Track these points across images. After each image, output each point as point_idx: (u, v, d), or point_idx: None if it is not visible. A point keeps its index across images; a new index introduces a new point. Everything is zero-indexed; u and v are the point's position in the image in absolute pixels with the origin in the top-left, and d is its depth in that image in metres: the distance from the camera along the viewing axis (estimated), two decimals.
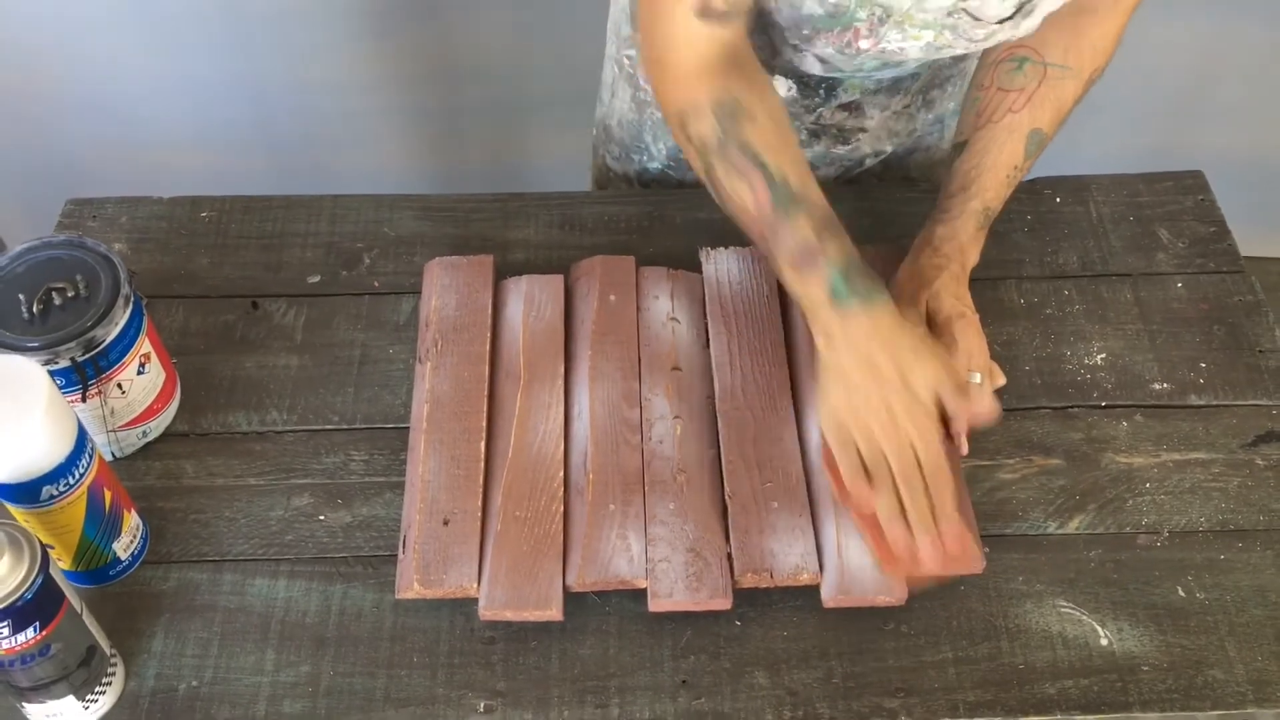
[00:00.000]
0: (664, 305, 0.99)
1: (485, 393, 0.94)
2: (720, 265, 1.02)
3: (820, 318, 0.83)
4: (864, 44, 0.91)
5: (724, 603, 0.84)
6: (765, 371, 0.95)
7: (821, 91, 1.06)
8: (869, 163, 1.16)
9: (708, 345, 0.97)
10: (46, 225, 1.10)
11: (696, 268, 1.02)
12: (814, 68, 0.99)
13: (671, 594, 0.85)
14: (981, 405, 0.86)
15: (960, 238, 0.95)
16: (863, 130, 1.11)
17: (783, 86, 1.05)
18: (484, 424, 0.92)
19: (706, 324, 0.99)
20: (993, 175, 0.96)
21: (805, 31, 0.92)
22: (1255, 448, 0.95)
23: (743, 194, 0.85)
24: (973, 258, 0.96)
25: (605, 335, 0.97)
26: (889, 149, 1.15)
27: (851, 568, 0.85)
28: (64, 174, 1.70)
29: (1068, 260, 1.07)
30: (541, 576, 0.85)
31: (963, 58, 1.09)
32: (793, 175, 0.84)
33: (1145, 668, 0.84)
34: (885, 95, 1.08)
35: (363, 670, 0.84)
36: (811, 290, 0.83)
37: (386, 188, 1.21)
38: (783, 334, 0.98)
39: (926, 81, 1.09)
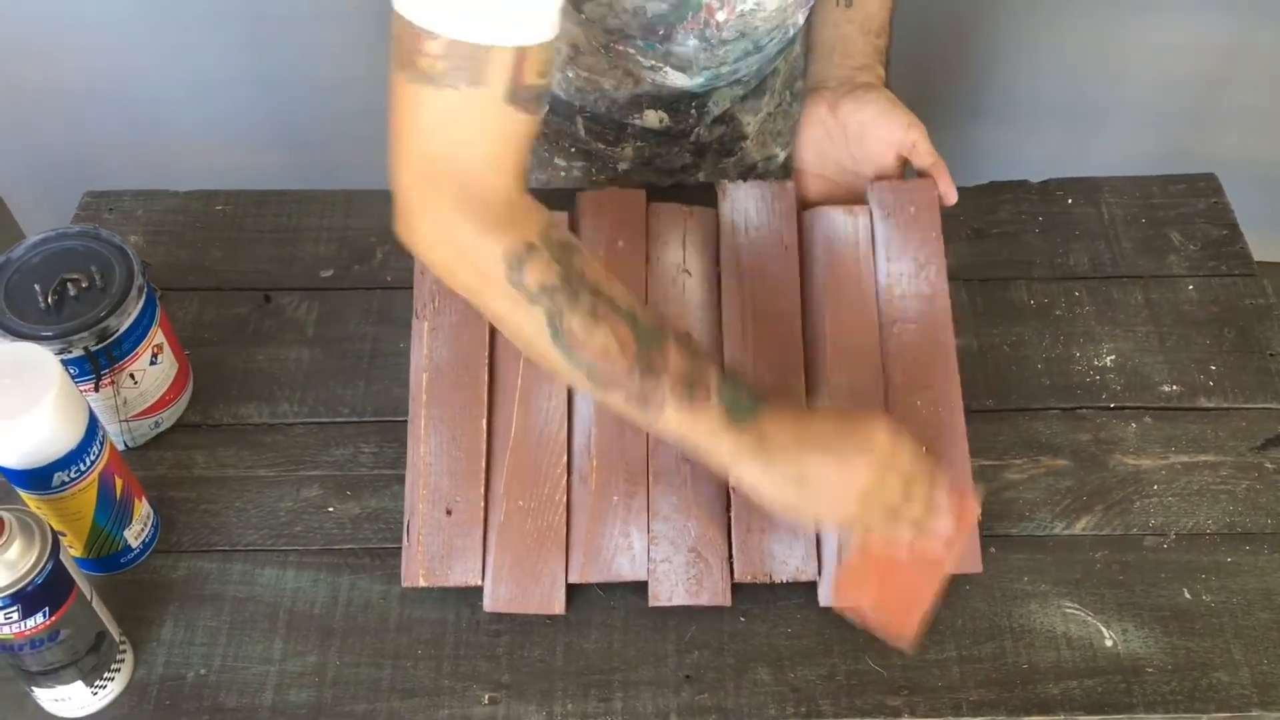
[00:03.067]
0: (675, 255, 0.95)
1: (485, 360, 0.91)
2: (738, 204, 0.96)
3: (726, 444, 0.75)
4: (721, 15, 0.89)
5: (723, 602, 0.85)
6: (778, 345, 0.91)
7: (693, 112, 1.04)
8: (763, 167, 1.14)
9: (719, 301, 0.94)
10: (65, 217, 1.11)
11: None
12: (679, 80, 0.97)
13: (672, 597, 0.85)
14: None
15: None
16: (743, 139, 1.10)
17: (654, 119, 1.03)
18: (485, 397, 0.90)
19: (719, 275, 0.94)
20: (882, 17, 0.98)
21: (661, 32, 0.90)
22: (1264, 451, 0.94)
23: (605, 341, 0.73)
24: None
25: None
26: (780, 153, 1.14)
27: None
28: (83, 167, 1.72)
29: (1079, 261, 1.07)
30: (545, 574, 0.86)
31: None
32: (637, 305, 0.75)
33: (1150, 669, 0.84)
34: (754, 99, 1.07)
35: (369, 661, 0.85)
36: (704, 420, 0.75)
37: None
38: (799, 293, 0.93)
39: (787, 75, 1.09)
